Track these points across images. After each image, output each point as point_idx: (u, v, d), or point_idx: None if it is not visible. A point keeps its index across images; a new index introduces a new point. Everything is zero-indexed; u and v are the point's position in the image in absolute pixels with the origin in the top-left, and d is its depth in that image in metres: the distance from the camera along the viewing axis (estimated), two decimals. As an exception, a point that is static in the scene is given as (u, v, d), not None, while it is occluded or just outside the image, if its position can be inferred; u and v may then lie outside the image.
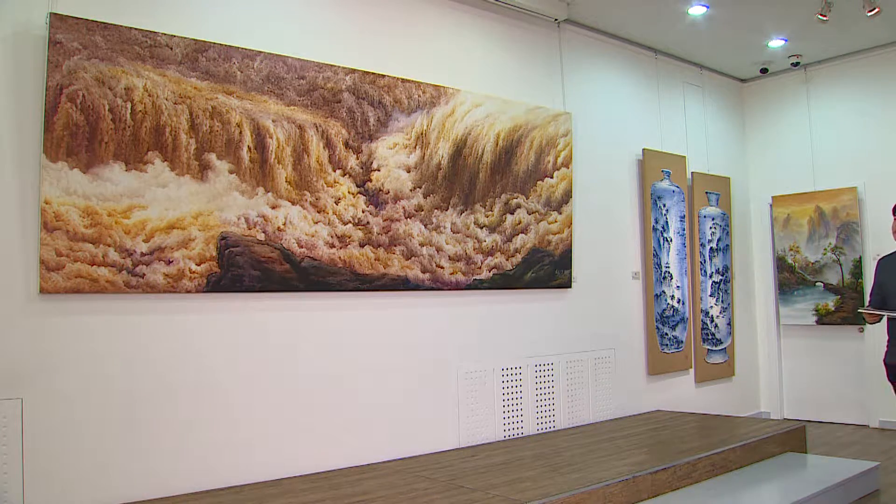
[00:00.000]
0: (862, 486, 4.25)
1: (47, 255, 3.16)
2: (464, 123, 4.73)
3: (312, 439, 3.96)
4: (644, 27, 5.87)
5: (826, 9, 5.07)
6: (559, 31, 5.55)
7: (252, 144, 3.79)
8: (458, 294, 4.70)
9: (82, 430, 3.26)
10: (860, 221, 6.47)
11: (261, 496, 3.44)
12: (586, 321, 5.52)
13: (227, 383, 3.70)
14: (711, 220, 6.64)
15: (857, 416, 6.52)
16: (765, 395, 7.07)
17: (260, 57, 3.84)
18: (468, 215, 4.73)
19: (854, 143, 6.57)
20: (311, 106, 4.02)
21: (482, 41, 5.07)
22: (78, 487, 3.22)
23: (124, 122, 3.39)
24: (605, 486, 3.50)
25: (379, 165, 4.30)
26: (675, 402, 6.10)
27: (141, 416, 3.42)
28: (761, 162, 7.31)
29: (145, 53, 3.47)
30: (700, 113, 6.81)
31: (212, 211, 3.64)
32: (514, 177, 4.99)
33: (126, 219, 3.39)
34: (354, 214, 4.18)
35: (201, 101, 3.63)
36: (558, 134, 5.28)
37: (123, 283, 3.37)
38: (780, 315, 6.99)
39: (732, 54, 6.57)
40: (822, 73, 6.84)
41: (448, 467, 4.01)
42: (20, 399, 3.12)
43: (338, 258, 4.10)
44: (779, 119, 7.18)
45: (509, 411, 4.91)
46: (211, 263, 3.63)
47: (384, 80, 4.35)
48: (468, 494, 3.40)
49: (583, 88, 5.70)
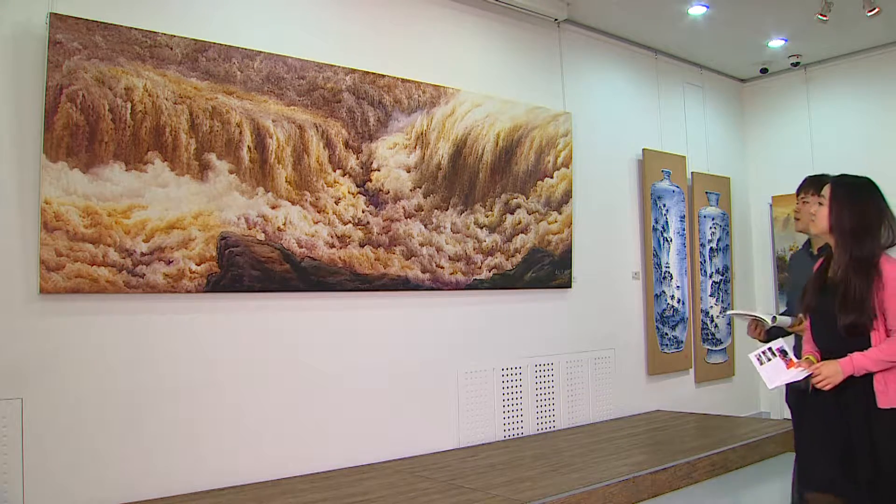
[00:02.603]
0: (862, 486, 4.25)
1: (47, 255, 3.16)
2: (464, 123, 4.73)
3: (312, 439, 3.96)
4: (644, 27, 5.86)
5: (826, 9, 5.07)
6: (559, 31, 5.54)
7: (252, 144, 3.79)
8: (458, 294, 4.70)
9: (82, 429, 3.26)
10: (860, 221, 6.47)
11: (261, 496, 3.44)
12: (586, 321, 5.51)
13: (226, 383, 3.70)
14: (711, 220, 6.64)
15: (857, 416, 6.51)
16: (765, 395, 7.06)
17: (260, 57, 3.84)
18: (468, 215, 4.73)
19: (854, 143, 6.57)
20: (311, 106, 4.02)
21: (482, 41, 5.07)
22: (78, 487, 3.22)
23: (124, 122, 3.39)
24: (605, 486, 3.50)
25: (379, 165, 4.30)
26: (674, 402, 6.09)
27: (141, 415, 3.42)
28: (761, 162, 7.30)
29: (145, 53, 3.47)
30: (700, 113, 6.81)
31: (212, 211, 3.64)
32: (514, 177, 4.99)
33: (126, 219, 3.39)
34: (354, 214, 4.18)
35: (201, 101, 3.62)
36: (558, 134, 5.28)
37: (123, 283, 3.37)
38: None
39: (732, 54, 6.57)
40: (822, 73, 6.83)
41: (448, 467, 4.01)
42: (20, 399, 3.12)
43: (338, 258, 4.10)
44: (779, 119, 7.17)
45: (509, 411, 4.91)
46: (211, 263, 3.63)
47: (384, 80, 4.35)
48: (468, 494, 3.40)
49: (583, 88, 5.70)
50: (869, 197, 2.53)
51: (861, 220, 2.48)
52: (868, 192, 2.54)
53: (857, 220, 2.48)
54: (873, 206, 2.51)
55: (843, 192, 2.54)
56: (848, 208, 2.51)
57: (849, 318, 2.41)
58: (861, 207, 2.50)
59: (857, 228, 2.47)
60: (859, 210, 2.50)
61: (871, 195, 2.53)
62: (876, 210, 2.50)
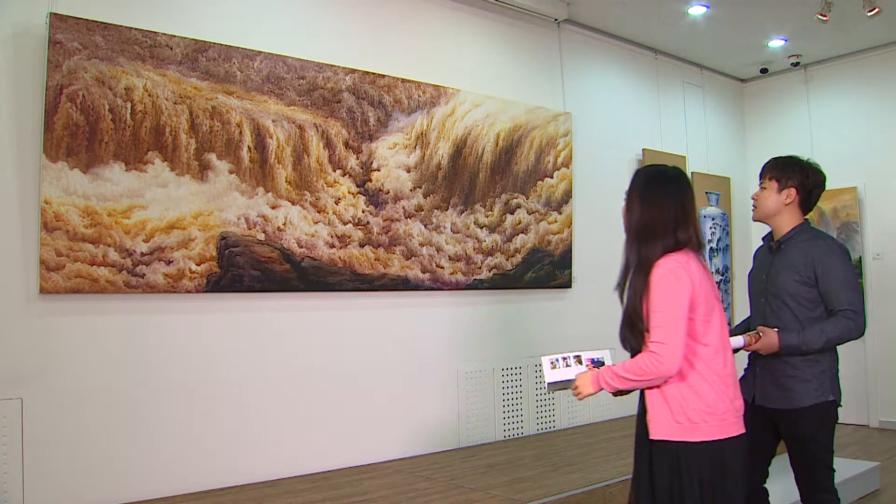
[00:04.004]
0: (862, 486, 4.25)
1: (47, 255, 3.16)
2: (464, 123, 4.73)
3: (313, 439, 3.96)
4: (644, 27, 5.86)
5: (826, 9, 5.07)
6: (559, 30, 5.54)
7: (252, 144, 3.79)
8: (458, 294, 4.70)
9: (82, 430, 3.26)
10: (860, 221, 6.47)
11: (261, 496, 3.45)
12: (586, 321, 5.51)
13: (226, 383, 3.70)
14: (711, 220, 6.64)
15: (857, 416, 6.51)
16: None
17: (260, 57, 3.84)
18: (468, 215, 4.73)
19: (854, 143, 6.57)
20: (311, 106, 4.02)
21: (482, 41, 5.07)
22: (78, 487, 3.22)
23: (124, 122, 3.39)
24: (605, 486, 3.50)
25: (379, 165, 4.30)
26: (675, 402, 6.08)
27: (141, 416, 3.42)
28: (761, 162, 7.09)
29: (145, 53, 3.47)
30: (700, 113, 6.81)
31: (212, 211, 3.64)
32: (514, 177, 4.99)
33: (126, 219, 3.39)
34: (354, 214, 4.18)
35: (201, 101, 3.62)
36: (558, 134, 5.28)
37: (123, 283, 3.37)
38: (780, 315, 6.98)
39: (732, 54, 6.57)
40: (822, 73, 6.83)
41: (448, 467, 4.01)
42: (20, 399, 3.12)
43: (338, 258, 4.10)
44: (779, 119, 7.17)
45: (509, 411, 4.91)
46: (211, 263, 3.63)
47: (384, 80, 4.35)
48: (468, 494, 3.40)
49: (583, 88, 5.70)
50: (665, 193, 2.15)
51: (651, 217, 2.13)
52: (666, 187, 2.16)
53: (648, 218, 2.13)
54: (669, 204, 2.13)
55: (638, 185, 2.20)
56: (640, 203, 2.16)
57: (624, 330, 2.19)
58: (656, 202, 2.14)
59: (647, 227, 2.13)
60: (654, 206, 2.14)
61: (669, 190, 2.15)
62: (672, 208, 2.12)
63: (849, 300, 2.60)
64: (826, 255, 2.65)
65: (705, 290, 2.09)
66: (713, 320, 2.09)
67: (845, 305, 2.60)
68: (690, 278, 2.06)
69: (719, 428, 2.04)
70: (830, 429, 2.68)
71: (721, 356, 2.10)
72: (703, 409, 2.03)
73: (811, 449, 2.65)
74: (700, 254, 2.16)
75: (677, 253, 2.09)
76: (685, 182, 2.20)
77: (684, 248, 2.12)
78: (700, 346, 2.07)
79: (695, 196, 2.22)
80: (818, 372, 2.65)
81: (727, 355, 2.14)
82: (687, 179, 2.22)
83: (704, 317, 2.07)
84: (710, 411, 2.04)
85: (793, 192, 2.80)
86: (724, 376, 2.09)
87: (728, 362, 2.13)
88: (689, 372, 2.06)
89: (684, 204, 2.14)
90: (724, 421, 2.05)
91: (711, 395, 2.05)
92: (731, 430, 2.07)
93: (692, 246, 2.13)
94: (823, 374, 2.66)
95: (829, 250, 2.67)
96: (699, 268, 2.11)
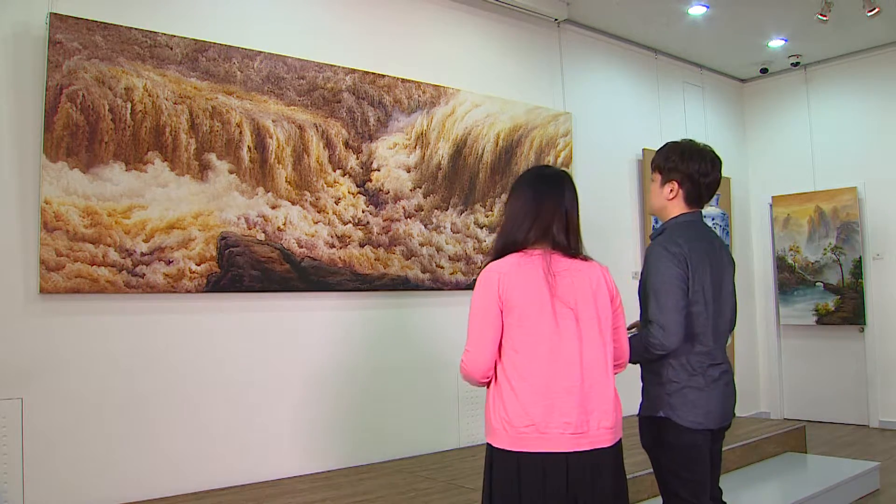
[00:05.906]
0: (862, 486, 4.25)
1: (47, 255, 3.16)
2: (464, 123, 4.73)
3: (313, 439, 3.96)
4: (644, 27, 5.86)
5: (826, 9, 5.07)
6: (559, 31, 5.54)
7: (252, 144, 3.79)
8: (458, 294, 4.69)
9: (82, 430, 3.26)
10: (860, 221, 6.47)
11: (261, 496, 3.45)
12: (586, 321, 5.50)
13: (226, 383, 3.70)
14: (711, 220, 6.64)
15: (857, 416, 6.52)
16: (765, 395, 7.06)
17: (260, 57, 3.84)
18: (468, 215, 4.73)
19: (854, 143, 6.57)
20: (311, 106, 4.02)
21: (482, 41, 5.07)
22: (78, 487, 3.22)
23: (124, 122, 3.39)
24: (604, 486, 3.49)
25: (379, 165, 4.30)
26: (675, 402, 6.09)
27: (141, 415, 3.42)
28: (761, 162, 7.30)
29: (145, 53, 3.47)
30: (700, 113, 6.81)
31: (212, 211, 3.64)
32: (514, 177, 4.96)
33: (126, 219, 3.39)
34: (354, 214, 4.18)
35: (201, 101, 3.63)
36: (558, 134, 5.28)
37: (123, 283, 3.37)
38: (780, 315, 6.99)
39: (732, 54, 6.57)
40: (822, 73, 6.84)
41: (448, 467, 4.01)
42: (20, 399, 3.12)
43: (338, 258, 4.10)
44: (779, 119, 7.18)
45: (509, 411, 4.91)
46: (211, 263, 3.63)
47: (384, 80, 4.35)
48: (468, 494, 3.40)
49: (583, 88, 5.70)
50: (522, 194, 2.05)
51: (507, 218, 2.05)
52: (521, 187, 2.07)
53: (505, 218, 2.07)
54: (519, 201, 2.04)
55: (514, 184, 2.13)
56: (509, 202, 2.09)
57: None
58: (514, 202, 2.06)
59: (503, 227, 2.07)
60: (512, 206, 2.06)
61: (526, 192, 2.04)
62: (524, 210, 2.02)
63: (652, 311, 2.35)
64: (649, 256, 2.42)
65: (528, 294, 1.94)
66: (528, 326, 1.93)
67: (650, 317, 2.36)
68: (500, 284, 1.94)
69: (515, 440, 1.91)
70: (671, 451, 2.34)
71: (537, 365, 1.92)
72: (503, 417, 1.93)
73: (653, 465, 2.43)
74: (566, 253, 2.03)
75: (517, 254, 2.00)
76: (546, 180, 2.06)
77: (532, 246, 2.00)
78: (512, 352, 1.95)
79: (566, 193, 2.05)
80: (655, 384, 2.41)
81: (555, 367, 1.92)
82: (555, 178, 2.06)
83: (518, 322, 1.93)
84: (508, 420, 1.92)
85: (675, 185, 2.42)
86: (537, 387, 1.91)
87: (557, 374, 1.92)
88: (500, 377, 1.97)
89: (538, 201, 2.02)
90: (521, 434, 1.91)
91: (513, 405, 1.92)
92: (530, 445, 1.90)
93: (546, 245, 2.01)
94: (660, 387, 2.38)
95: (653, 252, 2.42)
96: (532, 271, 1.96)
